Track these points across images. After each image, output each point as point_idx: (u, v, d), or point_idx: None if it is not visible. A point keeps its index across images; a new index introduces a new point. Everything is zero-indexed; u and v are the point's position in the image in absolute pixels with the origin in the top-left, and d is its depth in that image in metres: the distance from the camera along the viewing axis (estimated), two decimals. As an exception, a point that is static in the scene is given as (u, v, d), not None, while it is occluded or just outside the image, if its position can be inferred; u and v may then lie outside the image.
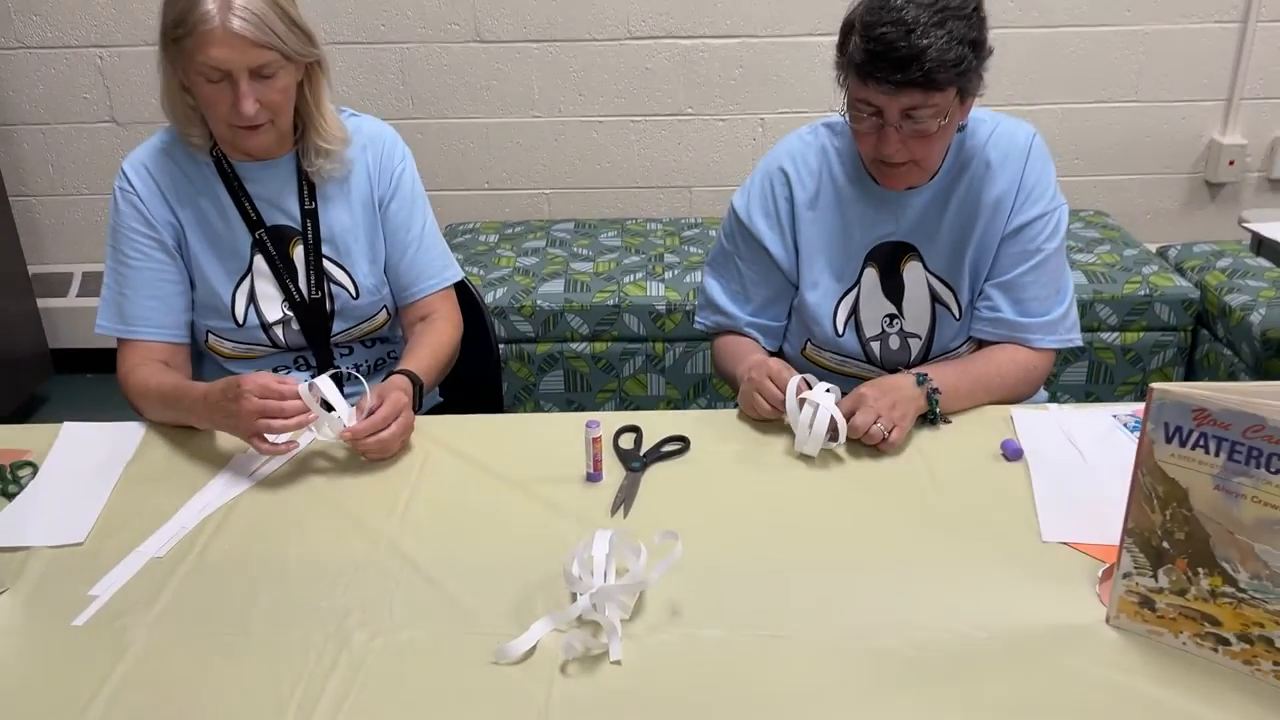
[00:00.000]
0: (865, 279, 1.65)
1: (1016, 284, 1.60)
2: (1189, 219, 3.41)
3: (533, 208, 3.39)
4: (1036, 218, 1.59)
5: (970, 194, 1.60)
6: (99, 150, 3.31)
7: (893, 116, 1.45)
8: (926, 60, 1.38)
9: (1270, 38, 3.16)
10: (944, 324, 1.65)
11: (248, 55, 1.46)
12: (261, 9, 1.46)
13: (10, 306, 3.17)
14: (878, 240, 1.64)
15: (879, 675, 1.07)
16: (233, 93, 1.48)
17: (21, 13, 3.13)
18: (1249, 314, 2.57)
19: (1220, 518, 1.02)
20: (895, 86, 1.41)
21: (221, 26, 1.44)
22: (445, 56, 3.19)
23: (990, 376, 1.57)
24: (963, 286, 1.64)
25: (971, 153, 1.59)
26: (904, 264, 1.64)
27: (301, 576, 1.22)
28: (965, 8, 1.42)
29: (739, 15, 3.15)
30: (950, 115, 1.47)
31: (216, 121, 1.54)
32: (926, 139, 1.47)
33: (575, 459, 1.43)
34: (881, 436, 1.41)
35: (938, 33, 1.38)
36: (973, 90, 1.48)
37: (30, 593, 1.21)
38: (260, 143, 1.58)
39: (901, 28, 1.38)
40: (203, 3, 1.43)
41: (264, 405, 1.37)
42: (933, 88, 1.41)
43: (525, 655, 1.09)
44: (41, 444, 1.50)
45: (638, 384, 2.82)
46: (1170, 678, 1.06)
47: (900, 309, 1.65)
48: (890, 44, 1.39)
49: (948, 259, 1.63)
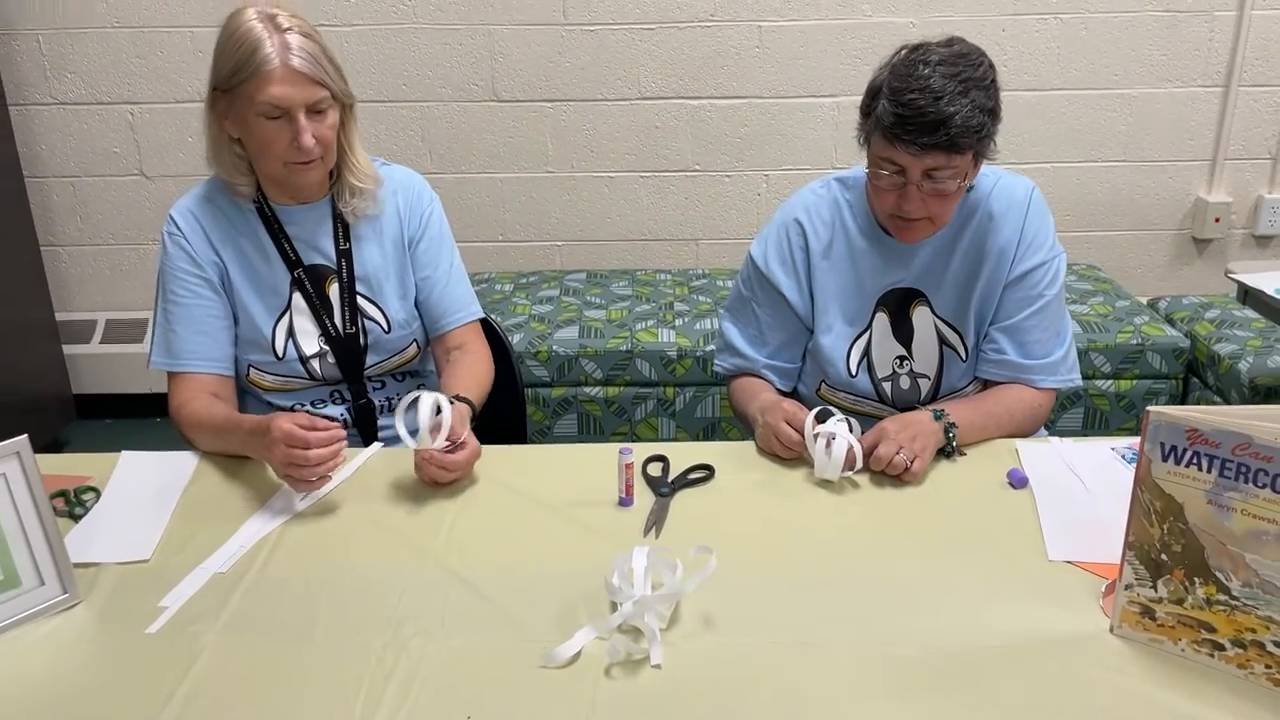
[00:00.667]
0: (876, 323, 1.76)
1: (1020, 328, 1.71)
2: (1177, 273, 3.54)
3: (545, 259, 3.51)
4: (1037, 265, 1.70)
5: (975, 243, 1.71)
6: (126, 202, 3.43)
7: (915, 176, 1.56)
8: (953, 127, 1.50)
9: (1252, 102, 3.32)
10: (951, 365, 1.76)
11: (306, 91, 1.58)
12: (314, 49, 1.59)
13: (38, 352, 3.27)
14: (888, 287, 1.75)
15: (899, 680, 1.15)
16: (291, 129, 1.60)
17: (57, 70, 3.27)
18: (1237, 362, 2.68)
19: (1213, 530, 1.11)
20: (921, 149, 1.52)
21: (282, 65, 1.56)
22: (463, 115, 3.33)
23: (1000, 414, 1.67)
24: (969, 330, 1.74)
25: (975, 204, 1.71)
26: (913, 309, 1.75)
27: (357, 590, 1.30)
28: (985, 79, 1.54)
29: (744, 77, 3.30)
30: (967, 177, 1.59)
31: (272, 161, 1.64)
32: (944, 198, 1.59)
33: (605, 486, 1.52)
34: (904, 467, 1.50)
35: (962, 101, 1.50)
36: (987, 154, 1.60)
37: (102, 605, 1.29)
38: (313, 178, 1.69)
39: (930, 95, 1.50)
40: (262, 46, 1.56)
41: (289, 454, 1.44)
42: (955, 151, 1.53)
43: (571, 660, 1.17)
44: (101, 471, 1.58)
45: (649, 427, 2.91)
46: (1171, 682, 1.14)
47: (910, 351, 1.76)
48: (919, 110, 1.50)
49: (954, 304, 1.74)
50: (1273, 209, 3.41)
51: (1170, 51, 3.27)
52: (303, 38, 1.59)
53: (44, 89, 3.29)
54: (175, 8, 3.21)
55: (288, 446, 1.44)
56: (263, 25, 1.57)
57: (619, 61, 3.28)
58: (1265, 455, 1.06)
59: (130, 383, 3.47)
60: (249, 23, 1.58)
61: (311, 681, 1.15)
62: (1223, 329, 2.84)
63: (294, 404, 1.80)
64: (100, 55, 3.26)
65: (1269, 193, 3.41)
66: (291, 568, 1.36)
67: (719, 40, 3.26)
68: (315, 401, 1.81)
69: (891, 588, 1.30)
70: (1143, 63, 3.28)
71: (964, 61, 1.53)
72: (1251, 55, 3.26)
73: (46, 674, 1.17)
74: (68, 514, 1.46)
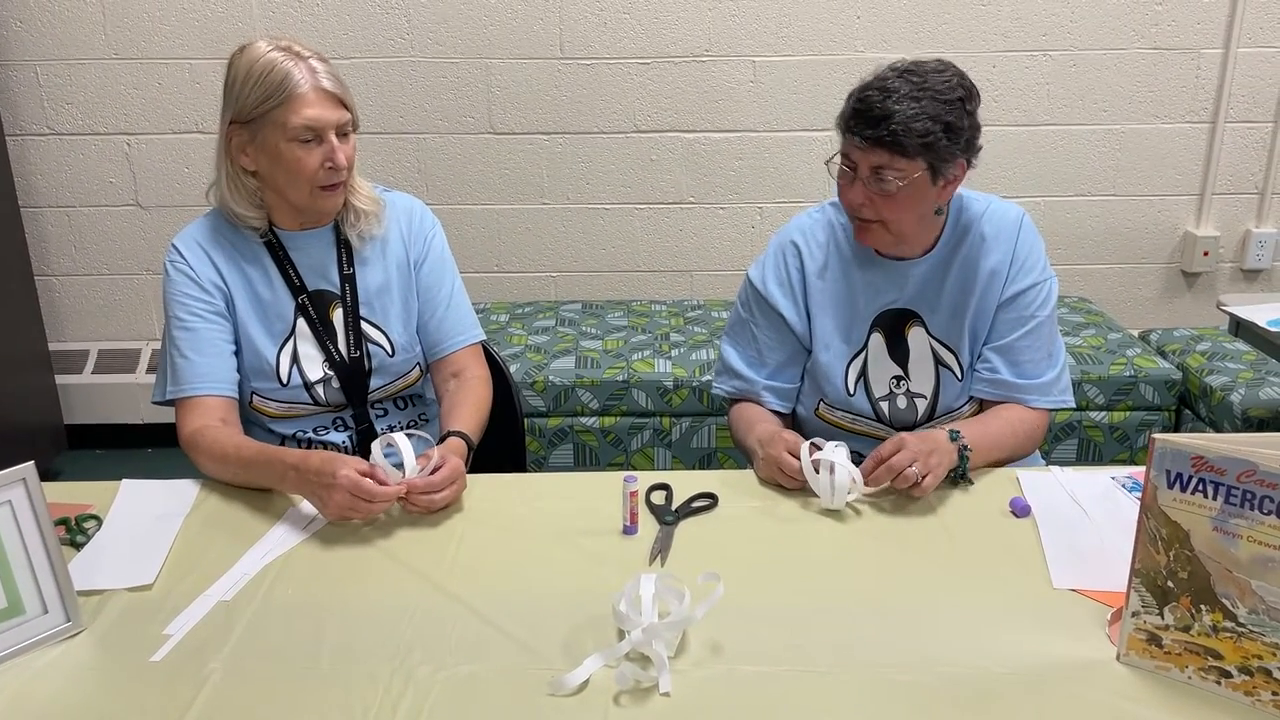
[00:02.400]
0: (872, 343, 1.78)
1: (1012, 348, 1.73)
2: (1167, 305, 3.57)
3: (541, 290, 3.52)
4: (1029, 287, 1.73)
5: (967, 264, 1.74)
6: (121, 232, 3.43)
7: (863, 171, 1.61)
8: (894, 123, 1.55)
9: (1238, 137, 3.37)
10: (947, 385, 1.77)
11: (336, 112, 1.63)
12: (337, 73, 1.64)
13: (30, 382, 3.25)
14: (883, 307, 1.77)
15: (908, 708, 1.15)
16: (323, 151, 1.63)
17: (54, 101, 3.28)
18: (1229, 394, 2.71)
19: (1219, 557, 1.12)
20: (866, 141, 1.58)
21: (314, 89, 1.60)
22: (459, 147, 3.35)
23: (1005, 436, 1.69)
24: (963, 350, 1.76)
25: (967, 226, 1.74)
26: (908, 329, 1.77)
27: (362, 617, 1.30)
28: (948, 94, 1.58)
29: (739, 111, 3.33)
30: (915, 185, 1.60)
31: (302, 186, 1.66)
32: (889, 199, 1.61)
33: (608, 514, 1.52)
34: (915, 480, 1.51)
35: (911, 104, 1.55)
36: (944, 172, 1.62)
37: (106, 633, 1.28)
38: (338, 202, 1.72)
39: (882, 93, 1.57)
40: (292, 73, 1.59)
41: (354, 504, 1.46)
42: (898, 151, 1.57)
43: (580, 688, 1.17)
44: (101, 500, 1.57)
45: (645, 458, 2.91)
46: (1178, 709, 1.14)
47: (906, 371, 1.78)
48: (869, 104, 1.58)
49: (948, 324, 1.76)
50: (1260, 243, 3.45)
51: (1157, 88, 3.32)
52: (323, 62, 1.63)
53: (41, 119, 3.30)
54: (173, 40, 3.23)
55: (353, 496, 1.45)
56: (284, 54, 1.60)
57: (614, 95, 3.31)
58: (1271, 482, 1.07)
59: (122, 413, 3.46)
60: (269, 53, 1.61)
61: (318, 711, 1.14)
62: (1214, 361, 2.87)
63: (297, 430, 1.80)
64: (98, 86, 3.27)
65: (1256, 227, 3.46)
66: (297, 595, 1.35)
67: (713, 75, 3.29)
68: (318, 428, 1.81)
69: (897, 615, 1.31)
70: (1130, 99, 3.32)
71: (934, 76, 1.59)
72: (1238, 91, 3.31)
73: (50, 703, 1.16)
74: (70, 542, 1.45)
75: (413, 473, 1.53)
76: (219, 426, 1.66)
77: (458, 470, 1.55)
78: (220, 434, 1.65)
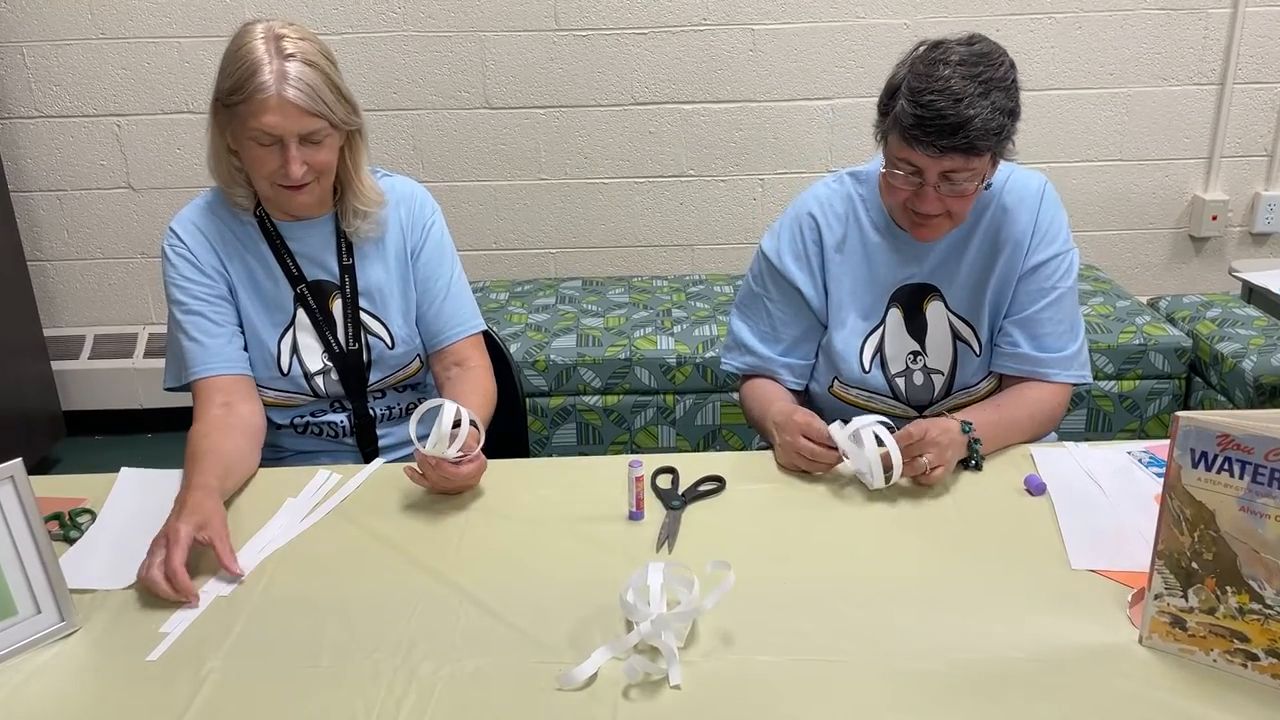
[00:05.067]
0: (890, 319, 1.73)
1: (1034, 320, 1.68)
2: (1175, 272, 3.53)
3: (540, 266, 3.47)
4: (1051, 257, 1.68)
5: (988, 236, 1.69)
6: (114, 216, 3.38)
7: (931, 177, 1.54)
8: (972, 130, 1.47)
9: (1247, 99, 3.31)
10: (965, 360, 1.73)
11: (299, 123, 1.54)
12: (314, 80, 1.54)
13: (26, 369, 3.22)
14: (901, 282, 1.72)
15: (923, 696, 1.12)
16: (281, 156, 1.56)
17: (42, 83, 3.22)
18: (1240, 361, 2.67)
19: (1246, 537, 1.09)
20: (940, 151, 1.50)
21: (277, 96, 1.52)
22: (455, 122, 3.30)
23: (1022, 419, 1.65)
24: (983, 324, 1.72)
25: (989, 198, 1.68)
26: (926, 304, 1.73)
27: (364, 611, 1.27)
28: (1006, 80, 1.52)
29: (738, 81, 3.27)
30: (985, 177, 1.57)
31: (260, 180, 1.61)
32: (962, 199, 1.57)
33: (614, 499, 1.48)
34: (925, 469, 1.47)
35: (983, 103, 1.48)
36: (1005, 154, 1.57)
37: (102, 632, 1.25)
38: (303, 201, 1.64)
39: (950, 97, 1.47)
40: (260, 72, 1.51)
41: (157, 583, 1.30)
42: (973, 153, 1.50)
43: (588, 681, 1.13)
44: (99, 492, 1.54)
45: (649, 436, 2.88)
46: (1203, 693, 1.11)
47: (923, 346, 1.73)
48: (939, 112, 1.47)
49: (968, 298, 1.72)
50: (1270, 206, 3.40)
51: (1165, 50, 3.26)
52: (304, 66, 1.54)
53: (29, 102, 3.24)
54: (161, 19, 3.17)
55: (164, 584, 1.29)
56: (265, 47, 1.53)
57: (611, 67, 3.25)
58: (1300, 460, 1.03)
59: (121, 398, 3.43)
60: (253, 42, 1.54)
61: (320, 709, 1.11)
62: (1225, 328, 2.83)
63: (293, 418, 1.77)
64: (86, 67, 3.21)
65: (1266, 190, 3.40)
66: (296, 590, 1.32)
67: (711, 44, 3.23)
68: (315, 412, 1.77)
69: (912, 600, 1.27)
70: (1138, 61, 3.26)
71: (985, 61, 1.51)
72: (1246, 52, 3.25)
73: (46, 705, 1.13)
74: (62, 537, 1.42)
75: (440, 445, 1.45)
76: (221, 429, 1.59)
77: (481, 469, 1.52)
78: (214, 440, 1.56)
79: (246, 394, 1.68)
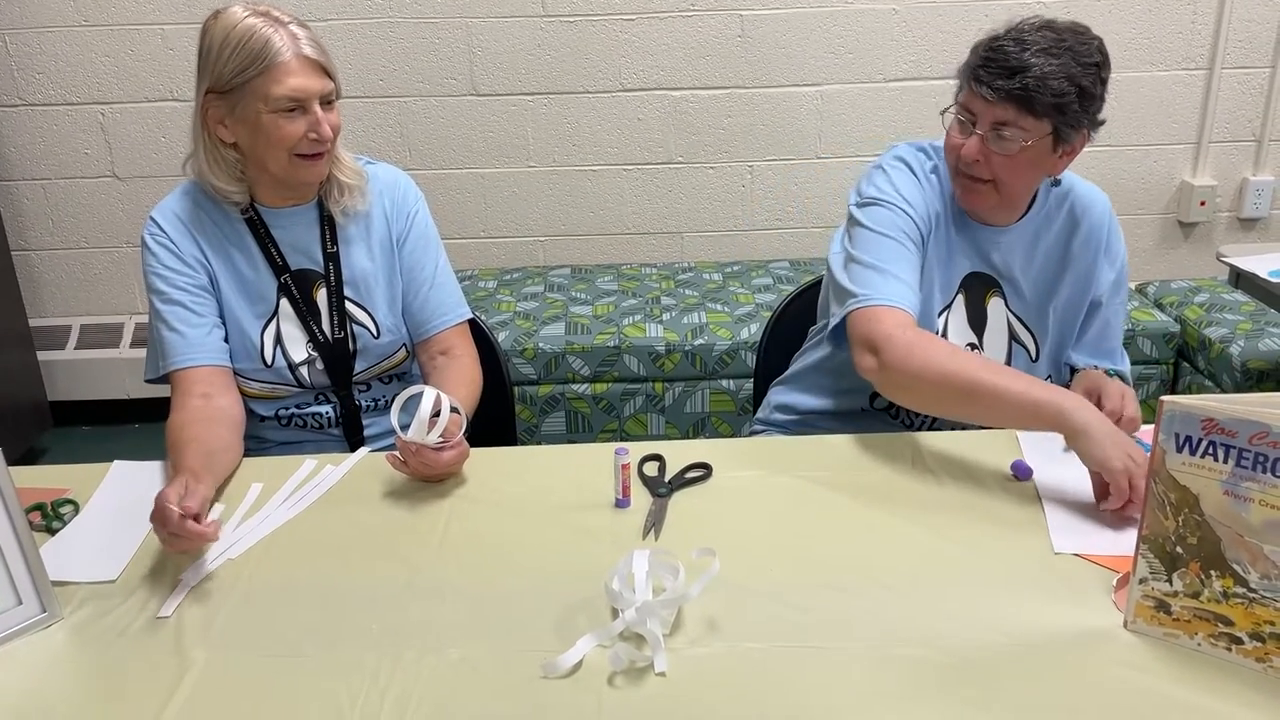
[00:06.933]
0: (956, 303, 1.71)
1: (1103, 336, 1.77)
2: (1163, 257, 3.53)
3: (528, 254, 3.46)
4: (1114, 282, 1.74)
5: (1058, 245, 1.70)
6: (99, 204, 3.36)
7: (983, 125, 1.53)
8: (1029, 75, 1.47)
9: (1235, 84, 3.31)
10: (1018, 361, 1.73)
11: (321, 82, 1.57)
12: (318, 40, 1.58)
13: (11, 360, 3.20)
14: (969, 270, 1.71)
15: (908, 682, 1.12)
16: (305, 121, 1.57)
17: (25, 70, 3.19)
18: (1228, 346, 2.67)
19: (1230, 521, 1.09)
20: (995, 94, 1.49)
21: (296, 57, 1.53)
22: (442, 109, 3.28)
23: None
24: (1045, 336, 1.73)
25: (1057, 202, 1.69)
26: (988, 298, 1.71)
27: (348, 600, 1.26)
28: (1087, 57, 1.50)
29: (726, 68, 3.26)
30: (1036, 149, 1.53)
31: (281, 156, 1.59)
32: (1008, 159, 1.54)
33: (600, 487, 1.48)
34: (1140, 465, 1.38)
35: (1049, 59, 1.47)
36: (1068, 139, 1.54)
37: (84, 622, 1.24)
38: (320, 173, 1.65)
39: (1018, 44, 1.49)
40: (272, 40, 1.52)
41: None
42: (1026, 108, 1.49)
43: (573, 669, 1.13)
44: (86, 482, 1.53)
45: (638, 424, 2.88)
46: (1188, 677, 1.11)
47: (980, 340, 1.72)
48: (1004, 53, 1.49)
49: (1031, 305, 1.72)
50: (1258, 191, 3.40)
51: (1153, 35, 3.25)
52: (303, 28, 1.57)
53: (11, 90, 3.22)
54: (144, 5, 3.15)
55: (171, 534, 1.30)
56: (262, 20, 1.53)
57: (599, 53, 3.23)
58: (1284, 444, 1.03)
59: (107, 389, 3.41)
60: (247, 19, 1.53)
61: (304, 699, 1.10)
62: (1212, 313, 2.83)
63: (278, 409, 1.75)
64: (69, 54, 3.19)
65: (1254, 175, 3.41)
66: (279, 579, 1.31)
67: (700, 30, 3.22)
68: (301, 404, 1.76)
69: (897, 586, 1.27)
70: (1126, 46, 3.26)
71: (1071, 35, 1.51)
72: (1234, 37, 3.25)
73: (27, 696, 1.12)
74: (44, 528, 1.41)
75: (420, 431, 1.45)
76: (201, 420, 1.58)
77: (464, 456, 1.51)
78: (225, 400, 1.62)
79: (226, 386, 1.67)
